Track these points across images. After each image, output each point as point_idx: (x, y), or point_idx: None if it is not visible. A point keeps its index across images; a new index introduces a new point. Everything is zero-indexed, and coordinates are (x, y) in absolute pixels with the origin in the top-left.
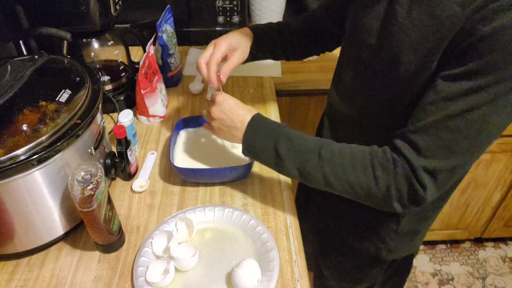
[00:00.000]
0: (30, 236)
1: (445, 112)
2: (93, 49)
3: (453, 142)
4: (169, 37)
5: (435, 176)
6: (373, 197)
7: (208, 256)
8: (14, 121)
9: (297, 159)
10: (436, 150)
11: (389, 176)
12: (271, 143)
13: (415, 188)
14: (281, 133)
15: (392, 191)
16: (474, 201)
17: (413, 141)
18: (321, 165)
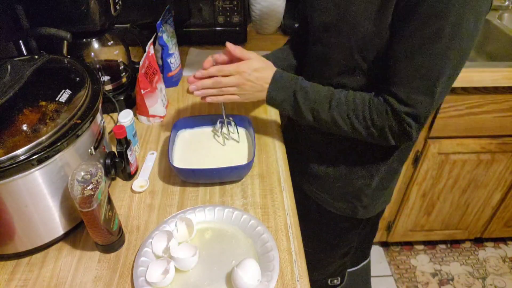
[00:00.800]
0: (30, 236)
1: (412, 63)
2: (93, 49)
3: (425, 89)
4: (169, 37)
5: (416, 117)
6: (372, 135)
7: (208, 256)
8: (14, 121)
9: (312, 107)
10: (413, 97)
11: (383, 119)
12: (290, 95)
13: (403, 127)
14: (299, 86)
15: (386, 130)
16: (474, 201)
17: (394, 93)
18: (331, 112)
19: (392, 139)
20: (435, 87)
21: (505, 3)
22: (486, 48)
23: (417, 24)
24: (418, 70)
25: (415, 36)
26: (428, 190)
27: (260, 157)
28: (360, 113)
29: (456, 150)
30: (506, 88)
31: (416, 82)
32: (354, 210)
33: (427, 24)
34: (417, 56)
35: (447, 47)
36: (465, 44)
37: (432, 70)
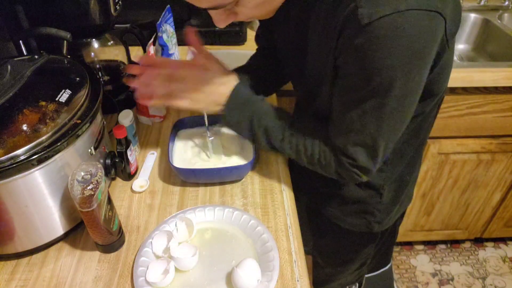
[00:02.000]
0: (30, 236)
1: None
2: (93, 49)
3: (362, 142)
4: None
5: (360, 168)
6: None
7: (208, 256)
8: (14, 121)
9: (266, 134)
10: (351, 149)
11: (332, 168)
12: (246, 117)
13: (351, 175)
14: (256, 108)
15: (333, 174)
16: (474, 201)
17: (333, 142)
18: (282, 144)
19: (344, 180)
20: (375, 141)
21: (505, 3)
22: (486, 48)
23: (349, 82)
24: (353, 124)
25: (348, 91)
26: (428, 190)
27: (260, 157)
28: (309, 154)
29: (456, 150)
30: (506, 88)
31: (352, 136)
32: (369, 226)
33: (356, 84)
34: (351, 112)
35: (379, 106)
36: (401, 103)
37: (366, 126)
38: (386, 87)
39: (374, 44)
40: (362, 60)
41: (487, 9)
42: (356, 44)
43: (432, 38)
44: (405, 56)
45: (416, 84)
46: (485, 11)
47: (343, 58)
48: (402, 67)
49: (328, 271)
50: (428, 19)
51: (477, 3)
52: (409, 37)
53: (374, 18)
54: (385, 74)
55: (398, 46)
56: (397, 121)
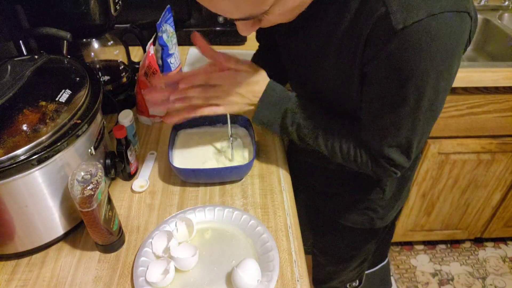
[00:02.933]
0: (30, 236)
1: (380, 123)
2: (93, 49)
3: (397, 144)
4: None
5: (397, 166)
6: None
7: (208, 256)
8: (14, 121)
9: (298, 130)
10: (387, 150)
11: (368, 167)
12: (279, 115)
13: (389, 173)
14: (290, 106)
15: (375, 173)
16: (474, 201)
17: (369, 145)
18: (317, 142)
19: (377, 176)
20: (410, 141)
21: (505, 3)
22: (486, 48)
23: (380, 89)
24: (387, 129)
25: (381, 97)
26: (428, 190)
27: (260, 157)
28: (345, 153)
29: (456, 150)
30: (506, 88)
31: (388, 139)
32: (372, 222)
33: (389, 91)
34: (385, 117)
35: (413, 109)
36: (434, 103)
37: (402, 129)
38: (421, 90)
39: (409, 49)
40: (396, 66)
41: (487, 9)
42: (389, 50)
43: (463, 38)
44: (439, 59)
45: (448, 83)
46: (485, 11)
47: (373, 65)
48: (436, 69)
49: (329, 269)
50: (459, 20)
51: (477, 3)
52: (443, 39)
53: (409, 23)
54: (420, 78)
55: (432, 50)
56: (430, 120)
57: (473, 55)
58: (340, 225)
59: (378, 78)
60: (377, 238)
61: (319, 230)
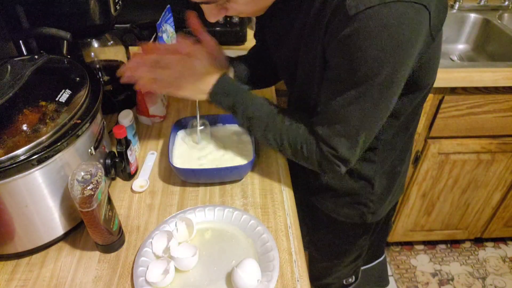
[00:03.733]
0: (30, 236)
1: (330, 108)
2: (93, 49)
3: (345, 133)
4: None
5: (341, 160)
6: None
7: (208, 256)
8: (14, 121)
9: (248, 122)
10: (334, 139)
11: (314, 159)
12: (230, 106)
13: (333, 167)
14: (240, 98)
15: (315, 164)
16: (474, 201)
17: (317, 132)
18: (265, 134)
19: (323, 172)
20: (357, 133)
21: (505, 3)
22: (486, 48)
23: (336, 72)
24: (337, 115)
25: (334, 82)
26: (428, 190)
27: (260, 157)
28: (293, 145)
29: (456, 150)
30: (506, 88)
31: (337, 126)
32: (363, 217)
33: (341, 75)
34: (336, 102)
35: (363, 97)
36: (384, 94)
37: (351, 118)
38: (371, 77)
39: (360, 35)
40: (348, 51)
41: (487, 9)
42: (342, 35)
43: (417, 30)
44: (389, 47)
45: (400, 75)
46: (485, 11)
47: (330, 50)
48: (387, 58)
49: (324, 264)
50: (413, 11)
51: (477, 3)
52: (394, 28)
53: (361, 9)
54: (370, 64)
55: (383, 37)
56: (380, 112)
57: (473, 55)
58: (332, 219)
59: (333, 62)
60: (370, 233)
61: (313, 224)
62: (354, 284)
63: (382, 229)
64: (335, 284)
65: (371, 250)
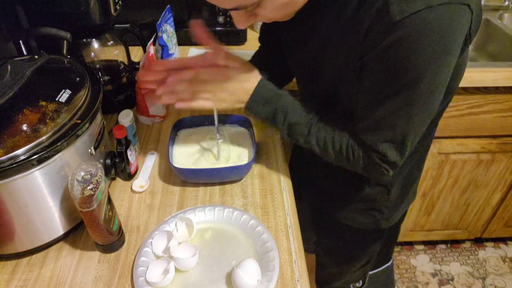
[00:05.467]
0: (30, 236)
1: (374, 115)
2: (93, 49)
3: (391, 138)
4: (169, 37)
5: (389, 163)
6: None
7: (208, 256)
8: (14, 121)
9: (289, 129)
10: (381, 145)
11: (360, 164)
12: (270, 113)
13: (381, 171)
14: (280, 104)
15: (360, 170)
16: (474, 201)
17: (363, 139)
18: (308, 140)
19: (368, 175)
20: (404, 137)
21: (505, 3)
22: (486, 48)
23: (377, 81)
24: (382, 122)
25: (378, 89)
26: (428, 190)
27: (260, 157)
28: (337, 150)
29: (456, 150)
30: (506, 88)
31: (382, 133)
32: (377, 223)
33: (386, 82)
34: (380, 110)
35: (409, 102)
36: (430, 98)
37: (397, 123)
38: (417, 82)
39: (407, 41)
40: (394, 57)
41: (487, 9)
42: (387, 41)
43: (461, 31)
44: (436, 51)
45: (444, 78)
46: (485, 11)
47: (371, 56)
48: (433, 61)
49: (333, 270)
50: (458, 12)
51: None
52: (440, 32)
53: (406, 14)
54: (417, 69)
55: (430, 41)
56: (425, 116)
57: (473, 55)
58: (344, 226)
59: (375, 69)
60: (382, 239)
61: (324, 230)
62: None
63: (392, 235)
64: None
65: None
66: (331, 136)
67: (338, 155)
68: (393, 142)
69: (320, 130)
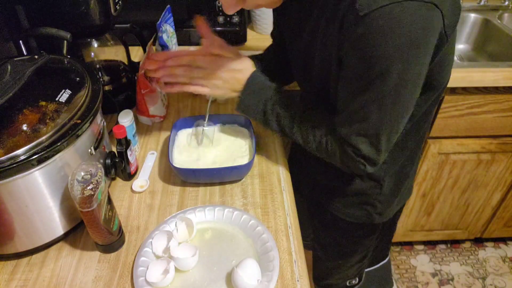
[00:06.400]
0: (30, 236)
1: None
2: (93, 49)
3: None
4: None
5: (364, 158)
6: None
7: (208, 256)
8: (14, 121)
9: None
10: (354, 138)
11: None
12: (261, 103)
13: (357, 165)
14: (270, 95)
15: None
16: (474, 201)
17: (338, 132)
18: (293, 131)
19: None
20: (378, 133)
21: (505, 3)
22: (486, 48)
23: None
24: (355, 115)
25: (351, 82)
26: (428, 190)
27: (260, 157)
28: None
29: (456, 150)
30: (506, 88)
31: (356, 125)
32: (370, 217)
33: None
34: (353, 102)
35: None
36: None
37: (369, 117)
38: (385, 75)
39: (372, 34)
40: (362, 50)
41: (487, 9)
42: (355, 35)
43: (429, 28)
44: (402, 45)
45: (416, 74)
46: (485, 11)
47: (345, 49)
48: (400, 56)
49: (329, 264)
50: (425, 10)
51: (477, 3)
52: (406, 26)
53: (372, 8)
54: (384, 63)
55: (395, 35)
56: (399, 111)
57: (473, 55)
58: (339, 220)
59: (349, 62)
60: (376, 234)
61: (320, 224)
62: (357, 286)
63: (388, 231)
64: (339, 285)
65: (376, 252)
66: (312, 128)
67: (318, 146)
68: (366, 136)
69: (303, 122)
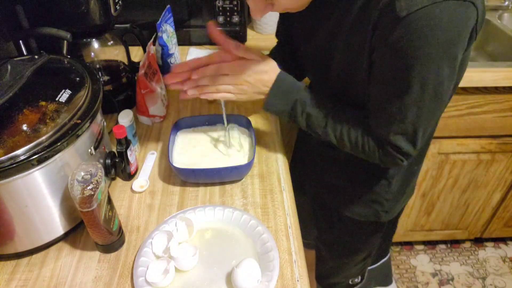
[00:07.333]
0: (30, 236)
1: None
2: (93, 49)
3: (403, 131)
4: (169, 37)
5: (403, 154)
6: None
7: (208, 256)
8: (14, 121)
9: (307, 120)
10: (393, 138)
11: (376, 156)
12: (289, 104)
13: (396, 161)
14: (300, 96)
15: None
16: (474, 201)
17: (377, 133)
18: (326, 129)
19: (383, 165)
20: (416, 129)
21: (505, 3)
22: (486, 48)
23: (386, 76)
24: (393, 116)
25: (387, 84)
26: (428, 190)
27: (260, 157)
28: (353, 142)
29: (456, 150)
30: (506, 88)
31: (394, 126)
32: (377, 215)
33: (395, 77)
34: (391, 104)
35: (418, 96)
36: (439, 90)
37: (407, 116)
38: (425, 76)
39: (412, 35)
40: (401, 52)
41: (487, 9)
42: (394, 37)
43: (466, 27)
44: (441, 45)
45: (451, 71)
46: None
47: (380, 52)
48: (439, 55)
49: (332, 263)
50: (463, 9)
51: None
52: (445, 26)
53: (412, 10)
54: (424, 64)
55: (436, 36)
56: (435, 108)
57: (473, 55)
58: (345, 218)
59: (385, 64)
60: (382, 232)
61: (325, 223)
62: (360, 284)
63: (390, 229)
64: (342, 283)
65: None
66: (347, 128)
67: (354, 147)
68: (405, 134)
69: (336, 122)
